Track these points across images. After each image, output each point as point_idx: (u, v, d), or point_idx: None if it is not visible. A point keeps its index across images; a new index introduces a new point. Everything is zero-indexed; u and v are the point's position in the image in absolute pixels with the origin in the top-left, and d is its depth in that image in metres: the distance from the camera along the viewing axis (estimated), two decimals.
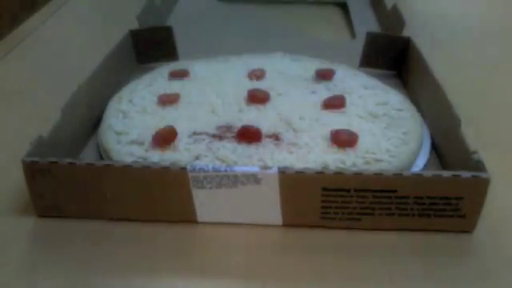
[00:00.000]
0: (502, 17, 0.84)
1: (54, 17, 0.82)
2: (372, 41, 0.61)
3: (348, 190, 0.38)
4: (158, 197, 0.39)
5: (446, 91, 0.47)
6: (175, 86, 0.55)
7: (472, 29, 0.78)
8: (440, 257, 0.38)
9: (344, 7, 0.85)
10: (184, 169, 0.38)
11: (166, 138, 0.45)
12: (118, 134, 0.47)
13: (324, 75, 0.56)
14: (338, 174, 0.38)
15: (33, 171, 0.39)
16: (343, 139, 0.45)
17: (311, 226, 0.40)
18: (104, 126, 0.49)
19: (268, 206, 0.39)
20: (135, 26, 0.63)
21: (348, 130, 0.46)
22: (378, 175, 0.37)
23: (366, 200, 0.38)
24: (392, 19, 0.67)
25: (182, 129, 0.47)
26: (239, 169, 0.38)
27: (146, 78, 0.57)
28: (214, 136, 0.46)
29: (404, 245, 0.39)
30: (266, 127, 0.47)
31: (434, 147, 0.48)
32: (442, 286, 0.36)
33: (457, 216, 0.39)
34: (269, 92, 0.52)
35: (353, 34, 0.75)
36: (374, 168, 0.42)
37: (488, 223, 0.40)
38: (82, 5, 0.89)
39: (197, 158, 0.44)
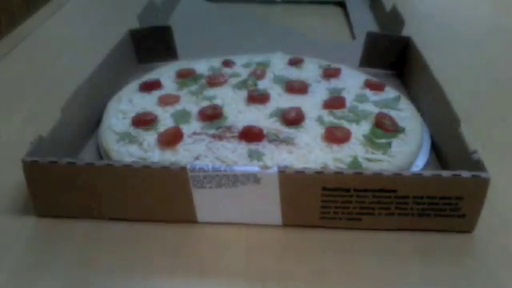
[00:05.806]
0: (502, 16, 0.84)
1: (54, 17, 0.82)
2: (372, 41, 0.61)
3: (348, 190, 0.38)
4: (158, 197, 0.39)
5: (446, 91, 0.47)
6: (175, 86, 0.55)
7: (472, 29, 0.78)
8: (440, 257, 0.38)
9: (344, 7, 0.85)
10: (184, 169, 0.38)
11: (171, 138, 0.45)
12: (118, 134, 0.47)
13: (331, 74, 0.56)
14: (338, 173, 0.38)
15: (33, 171, 0.39)
16: (336, 136, 0.45)
17: (311, 226, 0.40)
18: (104, 126, 0.49)
19: (268, 206, 0.39)
20: (135, 25, 0.63)
21: (341, 126, 0.46)
22: (378, 175, 0.37)
23: (365, 200, 0.38)
24: (391, 19, 0.67)
25: (182, 129, 0.47)
26: (239, 169, 0.38)
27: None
28: (213, 136, 0.46)
29: (404, 245, 0.39)
30: (265, 127, 0.47)
31: (434, 147, 0.48)
32: (442, 286, 0.36)
33: (457, 216, 0.39)
34: (269, 92, 0.52)
35: (353, 34, 0.75)
36: (374, 168, 0.42)
37: (488, 223, 0.40)
38: (82, 5, 0.89)
39: (197, 158, 0.44)
